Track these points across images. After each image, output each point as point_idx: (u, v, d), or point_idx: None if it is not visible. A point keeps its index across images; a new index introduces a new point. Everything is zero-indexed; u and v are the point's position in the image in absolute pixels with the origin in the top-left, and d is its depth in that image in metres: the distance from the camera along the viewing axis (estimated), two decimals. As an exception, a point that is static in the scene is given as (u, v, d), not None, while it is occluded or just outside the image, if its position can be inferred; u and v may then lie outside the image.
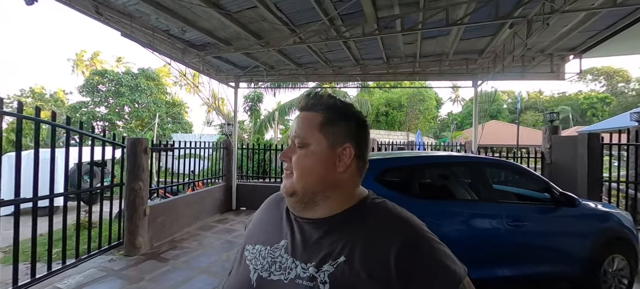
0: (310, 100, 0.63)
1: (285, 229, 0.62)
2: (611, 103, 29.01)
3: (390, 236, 0.54)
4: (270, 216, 0.69)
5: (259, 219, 0.71)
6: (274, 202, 0.72)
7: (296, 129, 0.62)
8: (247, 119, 15.19)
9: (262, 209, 0.73)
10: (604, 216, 2.72)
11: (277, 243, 0.60)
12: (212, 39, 4.52)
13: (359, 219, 0.58)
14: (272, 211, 0.70)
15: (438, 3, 3.48)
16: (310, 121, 0.61)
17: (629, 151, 4.79)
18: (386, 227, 0.56)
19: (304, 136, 0.61)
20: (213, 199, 5.78)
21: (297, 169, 0.60)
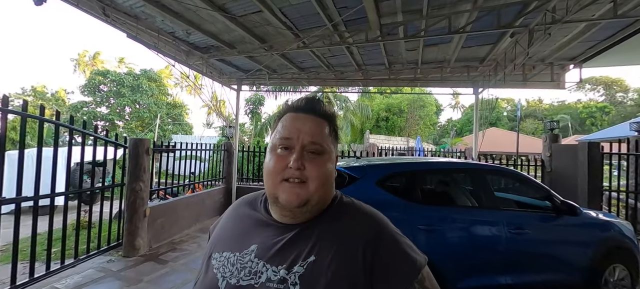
0: (318, 105, 0.61)
1: (255, 233, 0.60)
2: (610, 113, 29.14)
3: (357, 232, 0.55)
4: (238, 222, 0.65)
5: (226, 225, 0.67)
6: (241, 207, 0.68)
7: (309, 133, 0.56)
8: (248, 121, 15.22)
9: (230, 215, 0.68)
10: (605, 226, 2.73)
11: (246, 249, 0.57)
12: (216, 42, 4.57)
13: (328, 219, 0.58)
14: (241, 216, 0.66)
15: (440, 11, 3.52)
16: (322, 127, 0.59)
17: (629, 160, 4.81)
18: (353, 224, 0.57)
19: (321, 141, 0.57)
20: (213, 201, 5.77)
21: (318, 178, 0.55)
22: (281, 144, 0.57)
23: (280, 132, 0.58)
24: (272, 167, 0.56)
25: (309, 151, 0.56)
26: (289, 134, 0.57)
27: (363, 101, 14.94)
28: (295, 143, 0.56)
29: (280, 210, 0.57)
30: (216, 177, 6.22)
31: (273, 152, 0.58)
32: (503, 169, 3.18)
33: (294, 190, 0.54)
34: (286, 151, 0.56)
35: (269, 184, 0.57)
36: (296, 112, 0.60)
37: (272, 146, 0.59)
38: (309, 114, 0.59)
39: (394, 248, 0.55)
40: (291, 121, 0.58)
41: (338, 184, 2.05)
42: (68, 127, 2.99)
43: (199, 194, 5.43)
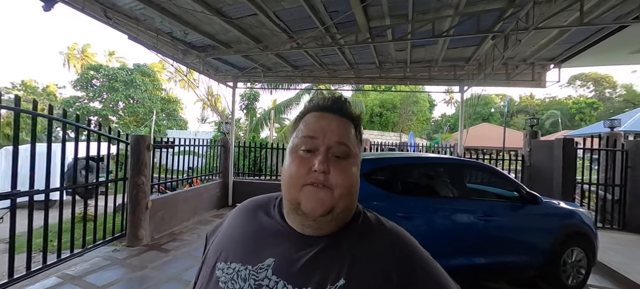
0: (345, 105, 0.56)
1: (271, 244, 0.53)
2: (598, 108, 29.92)
3: (389, 254, 0.51)
4: (248, 228, 0.58)
5: (232, 230, 0.59)
6: (251, 211, 0.61)
7: (336, 133, 0.52)
8: (243, 117, 15.37)
9: (235, 219, 0.61)
10: (566, 214, 3.05)
11: (261, 262, 0.51)
12: (213, 42, 4.74)
13: (355, 235, 0.53)
14: (250, 221, 0.59)
15: (425, 16, 3.76)
16: (348, 129, 0.54)
17: (600, 155, 5.17)
18: (384, 244, 0.53)
19: (348, 143, 0.52)
20: (210, 195, 5.99)
21: (344, 184, 0.50)
22: (304, 145, 0.51)
23: (303, 131, 0.53)
24: (294, 170, 0.51)
25: (334, 155, 0.51)
26: (313, 132, 0.51)
27: (357, 97, 15.20)
28: (320, 144, 0.50)
29: (302, 219, 0.51)
30: (213, 172, 6.43)
31: (294, 154, 0.52)
32: (476, 163, 3.48)
33: (319, 196, 0.49)
34: (309, 153, 0.51)
35: (290, 189, 0.51)
36: (321, 111, 0.54)
37: (294, 147, 0.53)
38: (335, 114, 0.54)
39: (431, 274, 0.51)
40: (316, 120, 0.53)
41: None
42: (75, 125, 3.18)
43: (196, 188, 5.64)
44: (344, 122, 0.54)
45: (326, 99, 0.56)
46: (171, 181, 5.75)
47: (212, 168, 6.47)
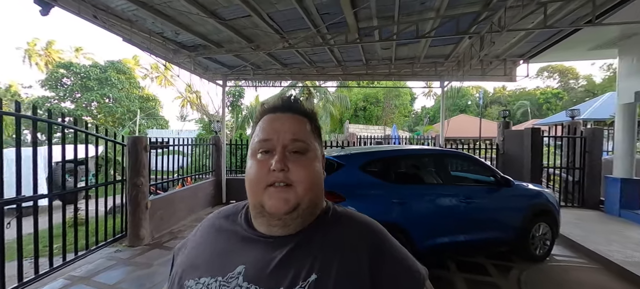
0: (295, 103, 0.57)
1: (240, 252, 0.53)
2: (563, 98, 32.24)
3: (358, 244, 0.52)
4: (215, 240, 0.57)
5: (200, 245, 0.58)
6: (218, 222, 0.60)
7: (289, 131, 0.52)
8: (229, 114, 15.21)
9: (203, 233, 0.60)
10: (534, 194, 3.50)
11: (231, 271, 0.50)
12: (205, 42, 4.77)
13: (324, 230, 0.54)
14: (218, 233, 0.58)
15: (410, 18, 4.05)
16: (304, 124, 0.55)
17: (562, 141, 5.79)
18: (352, 234, 0.54)
19: (304, 138, 0.53)
20: (205, 193, 6.06)
21: (305, 179, 0.51)
22: (261, 148, 0.52)
23: (258, 135, 0.53)
24: (253, 174, 0.51)
25: (291, 151, 0.51)
26: (267, 135, 0.52)
27: (341, 92, 15.49)
28: (276, 144, 0.51)
29: (268, 220, 0.52)
30: (205, 170, 6.47)
31: (253, 158, 0.53)
32: (457, 153, 3.87)
33: (281, 195, 0.49)
34: (267, 154, 0.51)
35: (253, 192, 0.51)
36: (274, 112, 0.55)
37: (252, 152, 0.54)
38: (286, 113, 0.55)
39: (399, 259, 0.53)
40: (269, 122, 0.54)
41: (328, 171, 2.57)
42: (67, 127, 3.18)
43: (191, 187, 5.70)
44: (298, 119, 0.55)
45: (277, 99, 0.57)
46: (162, 181, 5.74)
47: (203, 167, 6.50)
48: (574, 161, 5.82)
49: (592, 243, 3.84)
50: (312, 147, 0.54)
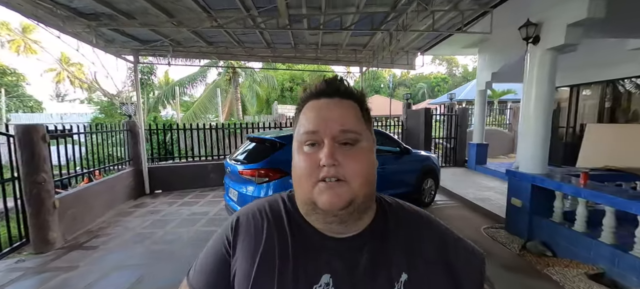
0: (342, 85, 0.52)
1: (313, 258, 0.49)
2: (448, 82, 40.15)
3: (429, 239, 0.52)
4: (277, 239, 0.51)
5: (254, 253, 0.51)
6: (272, 217, 0.54)
7: (338, 120, 0.48)
8: (134, 93, 13.00)
9: (256, 228, 0.53)
10: (424, 158, 4.70)
11: (316, 283, 0.47)
12: (110, 10, 4.11)
13: (387, 226, 0.52)
14: (277, 230, 0.52)
15: (334, 10, 4.53)
16: (353, 110, 0.50)
17: (444, 118, 7.62)
18: (419, 229, 0.53)
19: (355, 128, 0.48)
20: (123, 186, 5.42)
21: (359, 173, 0.47)
22: (307, 140, 0.49)
23: (304, 126, 0.49)
24: (302, 169, 0.48)
25: (341, 143, 0.48)
26: (314, 126, 0.48)
27: (268, 72, 15.30)
28: (324, 135, 0.47)
29: (323, 217, 0.49)
30: (120, 160, 5.71)
31: (300, 151, 0.50)
32: (374, 129, 4.78)
33: (333, 191, 0.46)
34: (314, 147, 0.48)
35: (302, 189, 0.49)
36: (318, 98, 0.51)
37: (298, 144, 0.50)
38: (333, 97, 0.51)
39: (462, 243, 0.54)
40: (315, 110, 0.50)
41: (272, 150, 3.00)
42: None
43: (107, 179, 5.00)
44: (347, 105, 0.50)
45: (321, 82, 0.52)
46: (62, 178, 4.80)
47: (116, 157, 5.70)
48: (451, 133, 7.77)
49: (458, 189, 5.45)
50: (363, 136, 0.49)
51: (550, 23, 3.11)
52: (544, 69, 3.23)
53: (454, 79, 42.16)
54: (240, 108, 13.59)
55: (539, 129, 3.33)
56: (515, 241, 3.41)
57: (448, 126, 7.76)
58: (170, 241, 3.74)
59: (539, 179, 3.21)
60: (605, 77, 5.97)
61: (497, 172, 6.46)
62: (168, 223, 4.41)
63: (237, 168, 3.27)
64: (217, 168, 6.46)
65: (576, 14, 2.76)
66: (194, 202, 5.51)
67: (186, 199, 5.73)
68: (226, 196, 3.63)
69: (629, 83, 5.68)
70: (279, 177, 3.06)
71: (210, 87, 12.81)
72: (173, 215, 4.78)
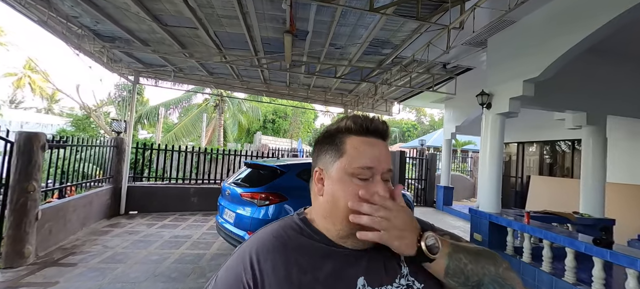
0: (386, 128, 0.58)
1: (347, 267, 0.53)
2: (418, 128, 43.57)
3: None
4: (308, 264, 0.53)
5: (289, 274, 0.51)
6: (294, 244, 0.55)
7: (385, 161, 0.55)
8: (115, 111, 12.60)
9: (282, 261, 0.53)
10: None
11: (354, 287, 0.52)
12: (129, 36, 4.47)
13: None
14: (304, 255, 0.54)
15: (330, 61, 5.29)
16: (389, 151, 0.58)
17: (415, 161, 8.49)
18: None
19: (391, 167, 0.57)
20: (100, 202, 5.25)
21: None
22: (361, 174, 0.53)
23: (358, 161, 0.53)
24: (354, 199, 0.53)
25: (384, 179, 0.55)
26: (371, 163, 0.53)
27: (253, 104, 15.81)
28: (376, 172, 0.54)
29: (357, 242, 0.54)
30: (99, 177, 5.57)
31: (348, 182, 0.53)
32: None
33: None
34: (364, 181, 0.53)
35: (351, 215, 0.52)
36: (368, 136, 0.56)
37: (347, 175, 0.54)
38: (378, 138, 0.56)
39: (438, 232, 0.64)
40: (369, 148, 0.55)
41: (272, 177, 3.43)
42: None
43: (88, 194, 4.87)
44: (387, 146, 0.57)
45: (369, 121, 0.56)
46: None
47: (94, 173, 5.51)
48: (422, 175, 8.61)
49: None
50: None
51: (498, 95, 4.04)
52: (495, 128, 4.09)
53: (422, 126, 45.97)
54: (222, 135, 13.68)
55: (492, 175, 4.09)
56: (477, 271, 3.95)
57: (419, 169, 8.63)
58: (156, 261, 3.74)
59: (494, 217, 3.87)
60: (543, 138, 7.29)
61: (461, 214, 7.23)
62: (150, 243, 4.36)
63: (238, 191, 3.54)
64: (200, 192, 6.49)
65: (515, 91, 3.70)
66: (174, 225, 5.44)
67: (166, 221, 5.64)
68: (219, 216, 3.81)
69: (563, 144, 6.99)
70: (278, 201, 3.39)
71: (196, 112, 12.89)
72: (154, 236, 4.71)
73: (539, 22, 3.51)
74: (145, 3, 3.47)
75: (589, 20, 2.91)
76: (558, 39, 3.22)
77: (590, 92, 4.43)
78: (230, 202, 3.70)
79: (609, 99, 4.52)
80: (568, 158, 6.80)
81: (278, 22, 3.84)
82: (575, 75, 4.34)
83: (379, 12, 2.99)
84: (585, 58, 4.29)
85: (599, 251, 2.62)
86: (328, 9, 3.34)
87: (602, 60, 4.49)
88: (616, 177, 5.30)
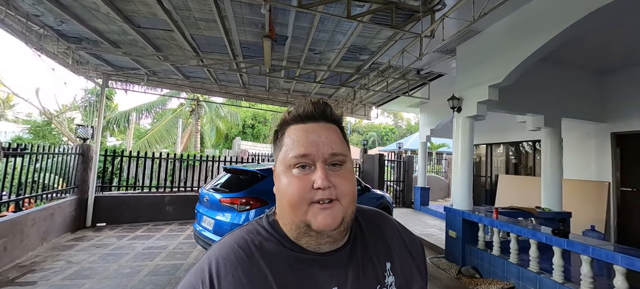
0: (328, 109, 0.54)
1: (318, 276, 0.49)
2: (395, 132, 44.90)
3: (389, 230, 0.61)
4: (275, 274, 0.48)
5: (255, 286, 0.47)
6: (259, 253, 0.50)
7: (328, 144, 0.50)
8: (80, 116, 11.73)
9: (245, 273, 0.47)
10: (380, 196, 5.43)
11: None
12: (97, 37, 4.24)
13: (362, 230, 0.58)
14: (271, 263, 0.49)
15: (310, 66, 5.36)
16: (338, 133, 0.53)
17: (394, 163, 8.75)
18: (383, 225, 0.62)
19: (342, 150, 0.51)
20: (63, 215, 4.87)
21: (349, 192, 0.49)
22: (297, 163, 0.49)
23: (292, 150, 0.49)
24: (294, 192, 0.48)
25: (330, 164, 0.49)
26: (305, 150, 0.49)
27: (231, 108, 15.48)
28: (315, 158, 0.49)
29: (317, 238, 0.49)
30: (61, 187, 5.17)
31: (288, 174, 0.50)
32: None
33: (328, 212, 0.47)
34: (304, 169, 0.49)
35: (296, 213, 0.48)
36: (305, 122, 0.52)
37: (286, 167, 0.50)
38: (319, 121, 0.52)
39: (409, 233, 0.65)
40: (303, 133, 0.50)
41: (253, 181, 3.42)
42: None
43: (49, 206, 4.49)
44: (332, 128, 0.53)
45: (306, 106, 0.53)
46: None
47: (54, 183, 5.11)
48: (400, 176, 8.89)
49: (407, 226, 6.23)
50: (347, 157, 0.52)
51: (467, 99, 4.32)
52: (465, 130, 4.35)
53: (399, 130, 47.47)
54: (199, 141, 13.23)
55: (464, 174, 4.33)
56: (453, 267, 4.14)
57: (397, 171, 8.90)
58: (127, 274, 3.53)
59: (466, 214, 4.10)
60: (509, 139, 7.84)
61: (437, 213, 7.54)
62: (121, 256, 4.11)
63: (217, 197, 3.46)
64: (176, 200, 6.23)
65: (482, 95, 3.98)
66: (147, 235, 5.18)
67: (138, 232, 5.35)
68: (197, 224, 3.69)
69: (526, 145, 7.55)
70: (259, 205, 3.36)
71: (171, 117, 12.37)
72: (125, 249, 4.45)
73: (501, 32, 3.82)
74: (116, 3, 3.33)
75: (544, 31, 3.22)
76: (518, 47, 3.53)
77: (547, 96, 4.86)
78: (209, 208, 3.61)
79: (563, 103, 4.99)
80: (531, 158, 7.35)
81: (257, 27, 3.84)
82: (535, 81, 4.75)
83: (355, 19, 3.10)
84: (542, 66, 4.71)
85: (557, 240, 2.87)
86: (307, 15, 3.41)
87: (557, 68, 4.96)
88: (572, 174, 5.83)
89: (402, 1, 3.08)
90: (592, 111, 5.28)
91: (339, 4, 3.08)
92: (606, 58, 4.75)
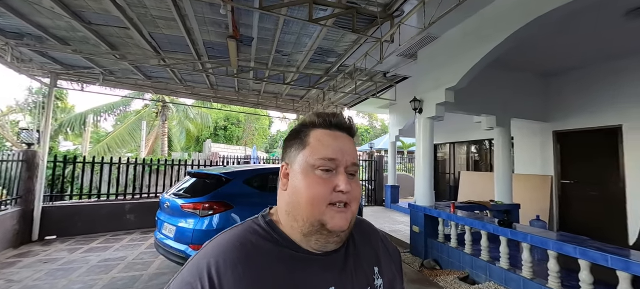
0: (352, 124, 0.59)
1: (318, 274, 0.52)
2: (370, 133, 46.04)
3: (374, 238, 0.66)
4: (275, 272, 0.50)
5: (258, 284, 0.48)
6: (259, 253, 0.51)
7: (350, 154, 0.55)
8: (29, 119, 10.56)
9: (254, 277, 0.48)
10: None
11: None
12: (40, 33, 3.88)
13: (353, 236, 0.61)
14: (272, 262, 0.51)
15: (278, 68, 5.34)
16: (355, 147, 0.59)
17: (366, 163, 9.00)
18: (369, 233, 0.66)
19: (357, 162, 0.57)
20: (3, 230, 4.39)
21: (358, 199, 0.55)
22: (323, 166, 0.52)
23: (320, 153, 0.53)
24: (316, 191, 0.51)
25: (349, 173, 0.54)
26: (333, 154, 0.53)
27: (203, 110, 14.92)
28: (340, 164, 0.53)
29: (327, 237, 0.52)
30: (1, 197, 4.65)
31: (309, 173, 0.52)
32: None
33: (343, 214, 0.52)
34: (328, 173, 0.52)
35: (312, 211, 0.51)
36: (332, 129, 0.56)
37: (308, 166, 0.53)
38: (343, 132, 0.57)
39: (389, 243, 0.70)
40: (332, 140, 0.55)
41: (217, 185, 3.35)
42: None
43: (-15, 219, 4.01)
44: (352, 141, 0.58)
45: (334, 116, 0.58)
46: None
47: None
48: (371, 176, 9.15)
49: (376, 223, 6.36)
50: (357, 168, 0.57)
51: (427, 101, 4.57)
52: (426, 130, 4.60)
53: (374, 130, 48.79)
54: (166, 144, 12.57)
55: (425, 172, 4.58)
56: (416, 260, 4.35)
57: (369, 171, 9.16)
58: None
59: (427, 209, 4.33)
60: (469, 138, 8.40)
61: (406, 210, 7.86)
62: (72, 271, 3.80)
63: (178, 202, 3.33)
64: (138, 208, 5.89)
65: (439, 97, 4.24)
66: (104, 247, 4.83)
67: (93, 244, 4.97)
68: (158, 232, 3.53)
69: (487, 143, 8.14)
70: (223, 210, 3.28)
71: (134, 119, 11.61)
72: (77, 263, 4.11)
73: (455, 38, 4.10)
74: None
75: (491, 37, 3.52)
76: (470, 52, 3.81)
77: (498, 98, 5.29)
78: (170, 215, 3.46)
79: (512, 105, 5.47)
80: (488, 155, 7.94)
81: (220, 27, 3.76)
82: (487, 84, 5.15)
83: (318, 23, 3.15)
84: (494, 70, 5.12)
85: (502, 230, 3.14)
86: (271, 17, 3.40)
87: (506, 71, 5.42)
88: (521, 169, 6.39)
89: (362, 6, 3.19)
90: (537, 111, 5.84)
91: (303, 7, 3.12)
92: (549, 62, 5.28)
